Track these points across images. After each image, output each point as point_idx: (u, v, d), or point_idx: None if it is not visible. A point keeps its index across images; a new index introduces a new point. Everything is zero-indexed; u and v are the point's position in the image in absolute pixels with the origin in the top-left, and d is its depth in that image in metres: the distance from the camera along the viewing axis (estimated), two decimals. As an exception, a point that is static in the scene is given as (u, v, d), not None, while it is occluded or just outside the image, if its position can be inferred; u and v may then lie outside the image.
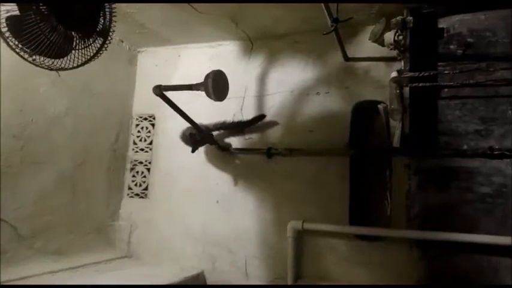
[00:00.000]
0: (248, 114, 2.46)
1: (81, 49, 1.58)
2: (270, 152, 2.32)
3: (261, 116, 2.42)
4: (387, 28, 2.08)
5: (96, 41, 1.64)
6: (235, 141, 2.48)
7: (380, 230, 2.06)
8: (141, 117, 2.80)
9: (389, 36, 2.07)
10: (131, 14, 2.27)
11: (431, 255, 1.96)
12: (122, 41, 2.75)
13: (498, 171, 1.91)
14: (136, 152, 2.76)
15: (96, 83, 2.49)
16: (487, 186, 1.91)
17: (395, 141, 2.04)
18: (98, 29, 1.63)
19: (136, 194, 2.70)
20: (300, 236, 2.20)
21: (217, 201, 2.46)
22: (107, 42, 1.66)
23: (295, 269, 2.17)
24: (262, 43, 2.52)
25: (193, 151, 2.32)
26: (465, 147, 1.97)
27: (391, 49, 2.13)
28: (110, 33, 1.69)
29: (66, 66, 1.51)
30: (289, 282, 2.14)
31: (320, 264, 2.17)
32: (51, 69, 1.49)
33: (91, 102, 2.48)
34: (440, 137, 2.01)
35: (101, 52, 1.65)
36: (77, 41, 1.55)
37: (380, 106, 2.18)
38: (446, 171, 1.98)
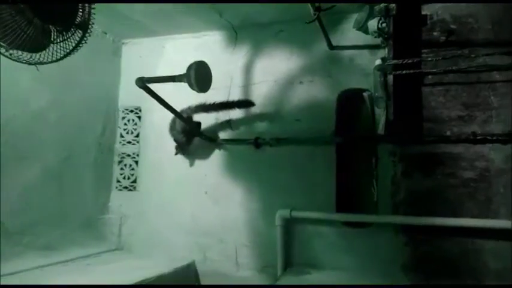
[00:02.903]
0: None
1: (60, 43, 1.56)
2: (257, 142, 2.33)
3: (249, 102, 2.41)
4: (371, 16, 2.08)
5: (75, 34, 1.62)
6: (222, 132, 2.48)
7: (366, 217, 2.09)
8: (127, 109, 2.77)
9: (373, 24, 2.06)
10: (114, 6, 2.23)
11: (417, 239, 2.00)
12: (105, 33, 2.70)
13: (481, 156, 1.94)
14: (124, 144, 2.75)
15: (80, 76, 2.46)
16: (470, 171, 1.95)
17: (380, 129, 2.05)
18: (76, 22, 1.61)
19: (125, 187, 2.70)
20: (289, 224, 2.22)
21: (206, 192, 2.47)
22: (87, 35, 1.64)
23: (285, 256, 2.20)
24: (247, 32, 2.50)
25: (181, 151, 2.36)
26: (448, 133, 2.00)
27: (375, 37, 2.12)
28: (90, 26, 1.67)
29: (44, 60, 1.49)
30: (279, 269, 2.16)
31: (309, 251, 2.20)
32: (30, 64, 1.47)
33: (75, 95, 2.45)
34: (424, 124, 2.03)
35: (81, 45, 1.63)
36: (55, 35, 1.52)
37: (365, 94, 2.19)
38: (431, 157, 2.01)
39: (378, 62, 2.07)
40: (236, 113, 2.45)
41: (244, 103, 2.40)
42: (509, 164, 1.89)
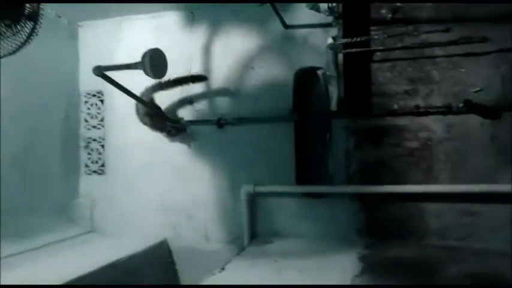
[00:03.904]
0: (196, 86, 2.50)
1: (10, 36, 1.56)
2: (219, 122, 2.40)
3: (202, 77, 2.46)
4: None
5: (26, 26, 1.62)
6: (186, 114, 2.54)
7: (324, 188, 2.26)
8: (89, 94, 2.77)
9: (324, 3, 2.14)
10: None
11: (369, 206, 2.19)
12: (60, 16, 2.64)
13: (424, 127, 2.11)
14: (89, 129, 2.76)
15: (36, 63, 2.42)
16: (414, 141, 2.12)
17: (334, 105, 2.18)
18: (26, 13, 1.60)
19: (94, 171, 2.74)
20: (253, 199, 2.36)
21: (174, 172, 2.56)
22: (38, 25, 1.64)
23: (251, 228, 2.35)
24: (203, 12, 2.51)
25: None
26: (395, 106, 2.15)
27: (327, 15, 2.21)
28: (41, 16, 1.66)
29: (-4, 56, 1.50)
30: (245, 240, 2.32)
31: (272, 222, 2.36)
32: (-20, 61, 1.47)
33: (34, 83, 2.42)
34: (374, 98, 2.17)
35: (32, 37, 1.63)
36: (4, 29, 1.52)
37: (319, 72, 2.29)
38: (379, 129, 2.16)
39: (330, 40, 2.16)
40: (198, 95, 2.51)
41: (198, 78, 2.46)
42: (449, 133, 2.07)
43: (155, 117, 2.44)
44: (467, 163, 2.04)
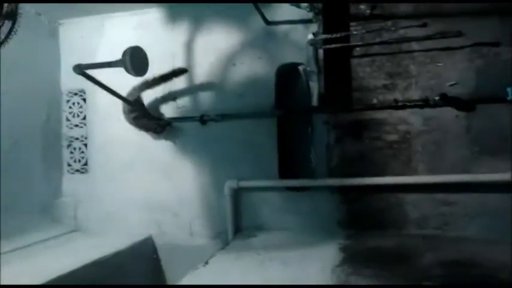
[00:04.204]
0: (179, 83, 2.51)
1: (-13, 36, 1.55)
2: (202, 119, 2.42)
3: (183, 70, 2.48)
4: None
5: (4, 25, 1.61)
6: (170, 112, 2.54)
7: (306, 181, 2.29)
8: (71, 92, 2.75)
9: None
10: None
11: (350, 198, 2.24)
12: (39, 14, 2.61)
13: (402, 120, 2.16)
14: (71, 128, 2.75)
15: (17, 62, 2.39)
16: (393, 134, 2.17)
17: (315, 100, 2.21)
18: (4, 13, 1.60)
19: (77, 170, 2.73)
20: (237, 194, 2.39)
21: (158, 170, 2.56)
22: (16, 24, 1.63)
23: (235, 223, 2.38)
24: (185, 9, 2.52)
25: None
26: (375, 100, 2.19)
27: (308, 11, 2.24)
28: (19, 14, 1.66)
29: (-27, 56, 1.48)
30: (230, 235, 2.34)
31: (256, 216, 2.39)
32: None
33: (15, 83, 2.39)
34: (354, 93, 2.21)
35: (11, 36, 1.62)
36: (-19, 28, 1.51)
37: (300, 68, 2.32)
38: (359, 123, 2.21)
39: (310, 36, 2.20)
40: (181, 92, 2.52)
41: (180, 71, 2.47)
42: (426, 126, 2.13)
43: (141, 115, 2.44)
44: (443, 154, 2.10)
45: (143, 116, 2.46)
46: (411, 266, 1.68)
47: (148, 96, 2.50)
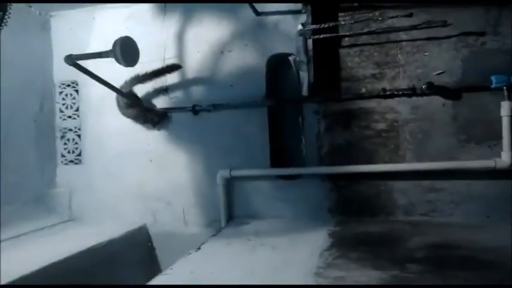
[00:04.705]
0: (172, 76, 2.53)
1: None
2: (195, 109, 2.45)
3: (177, 66, 2.50)
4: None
5: (-6, 16, 1.63)
6: (162, 103, 2.57)
7: (297, 169, 2.34)
8: (63, 84, 2.77)
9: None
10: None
11: (340, 186, 2.28)
12: (30, 6, 2.62)
13: (391, 109, 2.21)
14: (64, 119, 2.77)
15: (8, 54, 2.40)
16: (382, 123, 2.22)
17: (305, 90, 2.25)
18: (-8, 4, 1.61)
19: (71, 161, 2.76)
20: (229, 183, 2.43)
21: (151, 160, 2.59)
22: (6, 15, 1.65)
23: (227, 211, 2.42)
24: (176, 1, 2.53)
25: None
26: (363, 90, 2.23)
27: (296, 2, 2.26)
28: (9, 5, 1.67)
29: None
30: (223, 223, 2.39)
31: (248, 204, 2.43)
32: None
33: (7, 74, 2.40)
34: (343, 83, 2.25)
35: (1, 28, 1.64)
36: (-29, 19, 1.52)
37: (290, 58, 2.35)
38: (349, 113, 2.25)
39: (299, 27, 2.23)
40: (173, 83, 2.54)
41: (172, 67, 2.49)
42: (414, 114, 2.17)
43: (135, 107, 2.46)
44: (431, 142, 2.15)
45: (137, 107, 2.48)
46: (397, 249, 1.73)
47: (139, 88, 2.52)
